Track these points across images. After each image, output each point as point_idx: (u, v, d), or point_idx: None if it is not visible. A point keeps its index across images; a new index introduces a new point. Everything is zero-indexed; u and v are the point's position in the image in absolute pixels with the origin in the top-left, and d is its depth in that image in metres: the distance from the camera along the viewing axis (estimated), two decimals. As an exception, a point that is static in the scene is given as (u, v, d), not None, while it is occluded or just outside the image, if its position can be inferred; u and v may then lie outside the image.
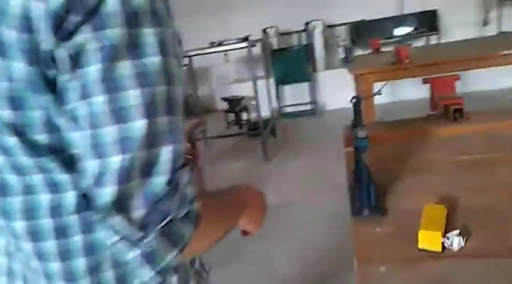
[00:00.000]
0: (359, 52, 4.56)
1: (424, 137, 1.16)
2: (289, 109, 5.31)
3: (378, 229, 0.73)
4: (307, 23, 5.07)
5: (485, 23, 4.91)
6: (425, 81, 1.37)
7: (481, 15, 4.93)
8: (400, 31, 5.08)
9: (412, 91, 4.46)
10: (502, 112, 1.28)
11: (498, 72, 3.73)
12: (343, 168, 1.03)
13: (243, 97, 4.72)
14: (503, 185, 0.82)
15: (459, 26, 4.80)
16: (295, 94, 5.28)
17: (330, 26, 5.25)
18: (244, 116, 4.96)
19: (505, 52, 2.36)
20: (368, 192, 0.79)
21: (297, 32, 5.30)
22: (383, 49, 3.59)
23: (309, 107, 5.22)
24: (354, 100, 0.77)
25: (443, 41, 4.80)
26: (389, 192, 0.86)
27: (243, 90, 4.66)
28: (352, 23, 5.21)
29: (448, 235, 0.64)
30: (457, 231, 0.64)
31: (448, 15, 4.98)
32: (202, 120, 3.70)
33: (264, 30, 5.14)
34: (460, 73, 1.79)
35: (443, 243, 0.63)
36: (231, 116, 4.63)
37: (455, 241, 0.62)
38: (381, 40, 3.73)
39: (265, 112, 4.47)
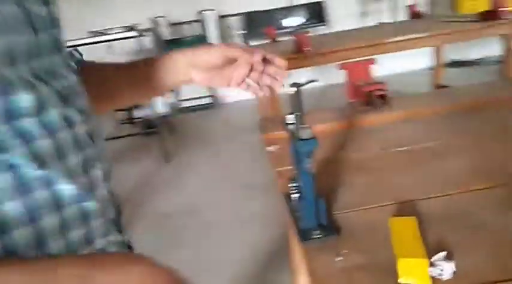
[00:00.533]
0: (253, 43, 4.48)
1: (352, 129, 1.04)
2: (187, 104, 5.01)
3: (339, 259, 0.55)
4: (199, 13, 4.81)
5: (365, 14, 5.26)
6: (341, 67, 1.26)
7: (362, 7, 5.27)
8: (290, 22, 5.15)
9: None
10: (422, 96, 1.23)
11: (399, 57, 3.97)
12: (254, 164, 0.85)
13: (134, 93, 4.28)
14: (461, 179, 0.72)
15: (344, 18, 5.06)
16: (193, 87, 5.00)
17: (223, 16, 5.08)
18: (138, 113, 4.54)
19: (416, 35, 2.45)
20: (316, 208, 0.61)
21: (189, 22, 5.01)
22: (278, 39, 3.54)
23: (207, 100, 4.99)
24: (294, 88, 0.58)
25: (330, 31, 5.00)
26: (336, 201, 0.70)
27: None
28: (245, 13, 5.11)
29: (435, 260, 0.49)
30: (444, 253, 0.49)
31: (333, 7, 5.20)
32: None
33: (153, 20, 4.73)
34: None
35: (430, 273, 0.48)
36: (122, 114, 4.17)
37: (447, 268, 0.48)
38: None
39: (161, 108, 4.12)
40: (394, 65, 4.71)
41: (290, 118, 0.64)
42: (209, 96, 4.97)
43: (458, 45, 4.55)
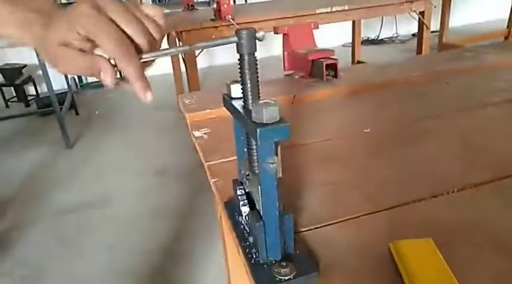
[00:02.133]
0: (166, 10, 4.07)
1: (296, 106, 0.84)
2: (89, 79, 4.42)
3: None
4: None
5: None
6: (276, 31, 1.04)
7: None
8: (208, -9, 4.79)
9: (228, 55, 4.29)
10: (369, 67, 1.07)
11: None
12: (169, 148, 0.60)
13: (24, 66, 3.63)
14: (456, 170, 0.55)
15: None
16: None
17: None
18: (31, 90, 3.88)
19: (321, 10, 2.33)
20: (281, 230, 0.39)
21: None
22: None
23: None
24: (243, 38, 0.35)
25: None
26: (302, 212, 0.48)
27: (25, 55, 3.57)
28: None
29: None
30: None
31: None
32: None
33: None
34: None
35: None
36: (10, 91, 3.52)
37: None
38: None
39: (59, 85, 3.55)
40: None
41: (235, 89, 0.41)
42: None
43: (372, 24, 4.65)
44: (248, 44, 0.36)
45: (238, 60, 0.37)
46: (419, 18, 2.67)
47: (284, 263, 0.38)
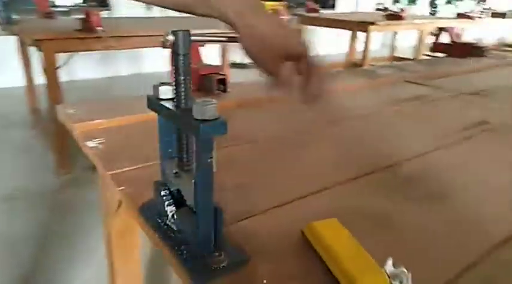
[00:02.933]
0: (16, 15, 3.60)
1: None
2: None
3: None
4: None
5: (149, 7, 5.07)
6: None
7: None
8: (66, 1, 4.42)
9: (89, 71, 4.01)
10: (256, 84, 1.16)
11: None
12: (24, 170, 0.57)
13: None
14: (330, 170, 0.65)
15: (127, 5, 4.72)
16: None
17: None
18: None
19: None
20: (214, 223, 0.41)
21: None
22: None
23: None
24: (176, 36, 0.36)
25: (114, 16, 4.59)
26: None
27: None
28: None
29: (389, 272, 0.38)
30: (390, 261, 0.39)
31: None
32: None
33: None
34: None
35: (392, 290, 0.37)
36: None
37: (406, 281, 0.38)
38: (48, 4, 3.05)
39: None
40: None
41: (164, 90, 0.42)
42: None
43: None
44: (183, 44, 0.39)
45: (173, 61, 0.39)
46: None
47: (217, 254, 0.41)
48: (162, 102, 0.42)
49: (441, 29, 1.99)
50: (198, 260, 0.40)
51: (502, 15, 5.31)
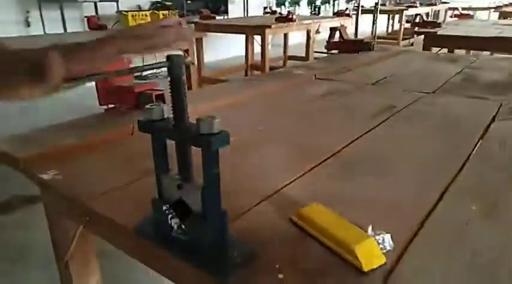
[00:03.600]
0: None
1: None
2: None
3: (281, 276, 0.44)
4: None
5: (28, 23, 4.63)
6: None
7: (23, 15, 4.61)
8: None
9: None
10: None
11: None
12: None
13: None
14: (293, 162, 0.74)
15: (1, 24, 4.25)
16: None
17: None
18: None
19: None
20: (222, 228, 0.46)
21: None
22: None
23: None
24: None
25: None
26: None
27: None
28: None
29: (372, 236, 0.47)
30: (370, 227, 0.49)
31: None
32: None
33: None
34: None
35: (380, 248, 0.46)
36: None
37: (386, 240, 0.47)
38: None
39: None
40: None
41: (157, 112, 0.46)
42: None
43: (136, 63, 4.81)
44: (180, 66, 0.43)
45: (170, 83, 0.43)
46: (184, 55, 3.01)
47: (229, 256, 0.45)
48: (156, 123, 0.45)
49: (332, 29, 2.23)
50: (216, 260, 0.45)
51: (370, 11, 6.08)
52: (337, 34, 2.16)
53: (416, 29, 5.00)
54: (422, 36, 2.92)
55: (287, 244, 0.49)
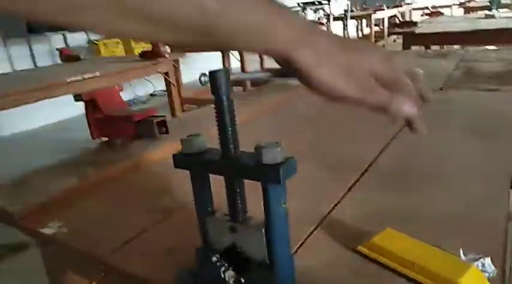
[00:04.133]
0: None
1: (152, 167, 0.77)
2: None
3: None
4: None
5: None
6: (82, 97, 0.93)
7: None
8: None
9: None
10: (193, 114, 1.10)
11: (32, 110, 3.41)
12: None
13: None
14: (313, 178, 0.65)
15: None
16: None
17: None
18: None
19: (72, 78, 2.20)
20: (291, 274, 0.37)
21: None
22: None
23: None
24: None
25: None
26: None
27: None
28: None
29: (472, 261, 0.39)
30: (462, 252, 0.41)
31: None
32: None
33: None
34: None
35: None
36: None
37: (487, 265, 0.39)
38: None
39: None
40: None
41: (197, 143, 0.37)
42: None
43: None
44: (225, 84, 0.34)
45: (215, 105, 0.34)
46: (165, 78, 2.92)
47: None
48: (198, 157, 0.36)
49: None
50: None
51: (341, 18, 6.15)
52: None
53: (396, 29, 5.07)
54: (394, 37, 2.93)
55: (354, 278, 0.41)
